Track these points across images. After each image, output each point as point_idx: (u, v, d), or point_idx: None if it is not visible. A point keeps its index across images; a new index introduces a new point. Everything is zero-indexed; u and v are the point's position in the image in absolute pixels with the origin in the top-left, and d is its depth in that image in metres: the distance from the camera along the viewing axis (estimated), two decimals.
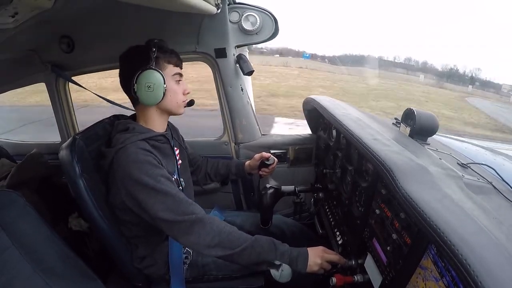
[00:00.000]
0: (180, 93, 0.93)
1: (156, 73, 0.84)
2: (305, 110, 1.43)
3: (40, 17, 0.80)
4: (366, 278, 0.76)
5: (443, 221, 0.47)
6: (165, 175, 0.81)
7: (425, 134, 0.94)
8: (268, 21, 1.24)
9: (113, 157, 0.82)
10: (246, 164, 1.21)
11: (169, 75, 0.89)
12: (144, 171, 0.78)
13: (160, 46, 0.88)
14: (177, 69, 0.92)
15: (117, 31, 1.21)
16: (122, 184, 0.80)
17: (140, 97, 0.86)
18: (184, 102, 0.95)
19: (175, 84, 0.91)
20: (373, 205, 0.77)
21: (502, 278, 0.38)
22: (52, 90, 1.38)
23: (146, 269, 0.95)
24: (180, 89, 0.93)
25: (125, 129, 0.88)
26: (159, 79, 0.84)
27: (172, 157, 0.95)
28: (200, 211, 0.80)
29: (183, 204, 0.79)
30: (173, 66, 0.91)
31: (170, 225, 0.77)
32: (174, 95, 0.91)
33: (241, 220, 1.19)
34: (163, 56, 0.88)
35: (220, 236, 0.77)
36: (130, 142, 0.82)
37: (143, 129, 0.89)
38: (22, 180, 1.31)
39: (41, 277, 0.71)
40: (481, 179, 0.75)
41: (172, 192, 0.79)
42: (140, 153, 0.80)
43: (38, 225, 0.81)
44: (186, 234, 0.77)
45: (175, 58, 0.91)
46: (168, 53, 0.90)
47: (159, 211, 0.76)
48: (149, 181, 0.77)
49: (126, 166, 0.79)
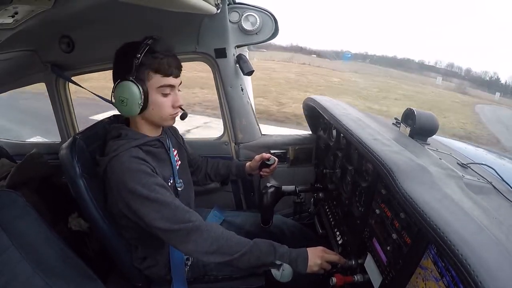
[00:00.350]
0: (168, 106, 0.84)
1: (132, 87, 0.77)
2: (305, 110, 1.43)
3: (40, 17, 0.80)
4: (366, 278, 0.76)
5: (443, 221, 0.47)
6: (160, 183, 0.79)
7: (425, 134, 0.94)
8: (268, 21, 1.24)
9: (106, 165, 0.80)
10: (247, 165, 1.21)
11: (154, 87, 0.80)
12: (137, 180, 0.75)
13: (152, 49, 0.78)
14: (166, 80, 0.81)
15: (117, 31, 1.20)
16: (117, 192, 0.78)
17: (117, 108, 0.82)
18: (172, 115, 0.86)
19: (161, 97, 0.82)
20: (373, 205, 0.77)
21: (502, 278, 0.38)
22: (52, 90, 1.38)
23: (147, 269, 0.95)
24: (168, 102, 0.83)
25: (117, 136, 0.85)
26: (134, 93, 0.77)
27: (168, 161, 0.93)
28: (197, 218, 0.79)
29: (179, 212, 0.77)
30: (161, 77, 0.80)
31: (167, 233, 0.76)
32: (158, 108, 0.83)
33: (241, 220, 1.19)
34: (149, 63, 0.78)
35: (218, 243, 0.77)
36: (123, 150, 0.79)
37: (136, 135, 0.85)
38: (22, 180, 1.31)
39: (41, 277, 0.71)
40: (481, 179, 0.75)
41: (167, 200, 0.77)
42: (134, 162, 0.78)
43: (38, 225, 0.81)
44: (183, 242, 0.76)
45: (165, 66, 0.80)
46: (158, 59, 0.78)
47: (154, 220, 0.75)
48: (143, 191, 0.75)
49: (119, 175, 0.76)
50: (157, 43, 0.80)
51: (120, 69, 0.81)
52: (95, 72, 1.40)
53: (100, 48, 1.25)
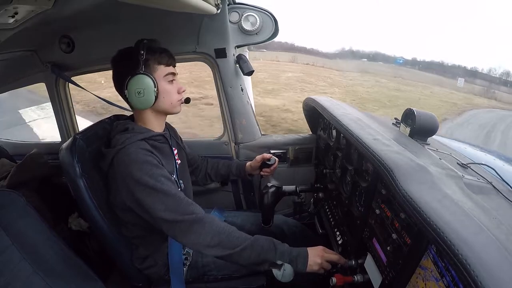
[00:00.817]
0: (174, 93, 0.91)
1: (145, 78, 0.83)
2: (305, 110, 1.43)
3: (40, 17, 0.80)
4: (366, 278, 0.76)
5: (443, 221, 0.47)
6: (166, 175, 0.82)
7: (425, 134, 0.94)
8: (268, 21, 1.25)
9: (113, 157, 0.83)
10: (247, 165, 1.21)
11: (161, 77, 0.88)
12: (145, 171, 0.78)
13: (149, 47, 0.85)
14: (169, 69, 0.90)
15: (117, 31, 1.21)
16: (123, 184, 0.80)
17: (132, 103, 0.86)
18: (179, 101, 0.94)
19: (168, 84, 0.90)
20: (373, 205, 0.77)
21: (502, 278, 0.38)
22: (52, 90, 1.38)
23: (146, 269, 0.95)
24: (174, 89, 0.91)
25: (124, 130, 0.88)
26: (149, 83, 0.83)
27: (171, 156, 0.96)
28: (200, 211, 0.81)
29: (183, 203, 0.79)
30: (164, 66, 0.88)
31: (170, 224, 0.78)
32: (168, 95, 0.90)
33: (241, 220, 1.19)
34: (152, 57, 0.86)
35: (220, 236, 0.78)
36: (130, 142, 0.82)
37: (142, 129, 0.90)
38: (22, 180, 1.31)
39: (41, 277, 0.71)
40: (481, 179, 0.75)
41: (172, 192, 0.79)
42: (141, 153, 0.81)
43: (38, 225, 0.81)
44: (186, 233, 0.78)
45: (165, 57, 0.89)
46: (158, 53, 0.88)
47: (159, 211, 0.77)
48: (149, 181, 0.77)
49: (127, 166, 0.79)
50: (152, 42, 0.88)
51: (127, 67, 0.85)
52: (95, 72, 1.40)
53: (100, 48, 1.25)
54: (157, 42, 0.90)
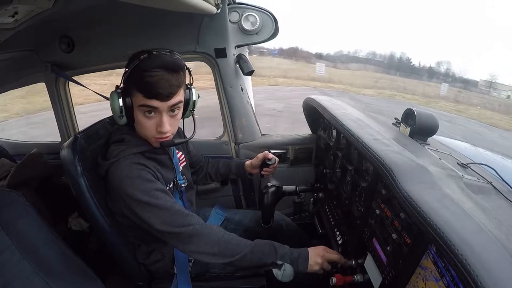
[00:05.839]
0: (150, 128, 0.79)
1: (114, 98, 0.76)
2: (305, 110, 1.43)
3: (40, 17, 0.79)
4: (366, 278, 0.76)
5: (443, 221, 0.47)
6: (159, 188, 0.79)
7: (425, 134, 0.94)
8: (268, 21, 1.25)
9: (107, 170, 0.81)
10: (248, 163, 1.20)
11: (136, 105, 0.77)
12: (136, 186, 0.76)
13: (141, 66, 0.72)
14: (149, 102, 0.74)
15: (117, 31, 1.21)
16: (118, 197, 0.79)
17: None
18: (156, 138, 0.81)
19: (143, 117, 0.77)
20: (373, 205, 0.77)
21: (502, 278, 0.38)
22: (52, 90, 1.38)
23: (152, 264, 0.95)
24: (150, 124, 0.78)
25: (120, 140, 0.84)
26: (115, 105, 0.76)
27: (171, 166, 0.94)
28: (197, 221, 0.80)
29: (179, 216, 0.78)
30: (142, 96, 0.74)
31: (169, 235, 0.78)
32: (142, 128, 0.80)
33: (240, 216, 1.19)
34: (135, 80, 0.74)
35: (219, 245, 0.78)
36: (124, 156, 0.80)
37: (139, 142, 0.84)
38: (22, 180, 1.31)
39: (41, 277, 0.71)
40: (481, 179, 0.75)
41: (167, 205, 0.78)
42: (133, 168, 0.78)
43: (38, 225, 0.81)
44: (185, 244, 0.78)
45: (151, 87, 0.72)
46: (146, 78, 0.71)
47: (155, 224, 0.77)
48: (142, 197, 0.76)
49: (119, 181, 0.78)
50: (149, 60, 0.72)
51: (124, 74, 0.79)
52: (95, 72, 1.40)
53: (100, 48, 1.25)
54: (161, 61, 0.72)
